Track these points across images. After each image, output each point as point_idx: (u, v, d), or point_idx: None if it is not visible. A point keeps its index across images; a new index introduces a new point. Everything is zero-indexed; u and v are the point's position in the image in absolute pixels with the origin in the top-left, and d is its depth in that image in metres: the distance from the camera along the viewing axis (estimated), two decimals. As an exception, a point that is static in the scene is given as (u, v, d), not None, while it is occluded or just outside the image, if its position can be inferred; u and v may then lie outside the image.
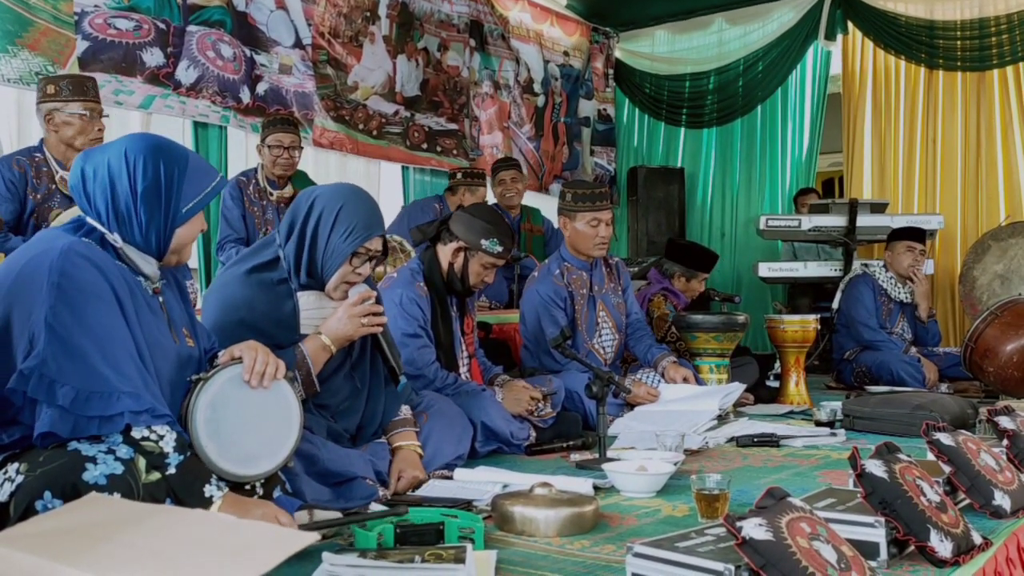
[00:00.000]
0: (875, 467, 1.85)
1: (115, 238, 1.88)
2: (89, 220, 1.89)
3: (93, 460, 1.65)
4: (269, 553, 1.13)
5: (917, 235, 5.29)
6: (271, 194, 4.51)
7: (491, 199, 5.63)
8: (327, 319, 2.44)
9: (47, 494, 1.60)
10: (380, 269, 4.06)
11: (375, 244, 2.47)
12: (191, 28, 4.73)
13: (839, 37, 7.16)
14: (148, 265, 1.93)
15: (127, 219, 1.88)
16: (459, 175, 5.48)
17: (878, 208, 6.35)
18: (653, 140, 8.15)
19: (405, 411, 2.74)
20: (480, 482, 2.54)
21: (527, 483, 2.26)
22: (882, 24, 6.93)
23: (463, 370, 3.37)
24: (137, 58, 4.47)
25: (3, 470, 1.68)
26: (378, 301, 2.50)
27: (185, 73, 4.68)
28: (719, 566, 1.47)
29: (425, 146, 6.26)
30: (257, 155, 4.58)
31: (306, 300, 2.47)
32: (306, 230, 2.43)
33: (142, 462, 1.72)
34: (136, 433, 1.72)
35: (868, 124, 7.15)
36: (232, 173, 4.82)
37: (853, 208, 6.04)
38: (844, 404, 3.73)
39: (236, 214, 4.41)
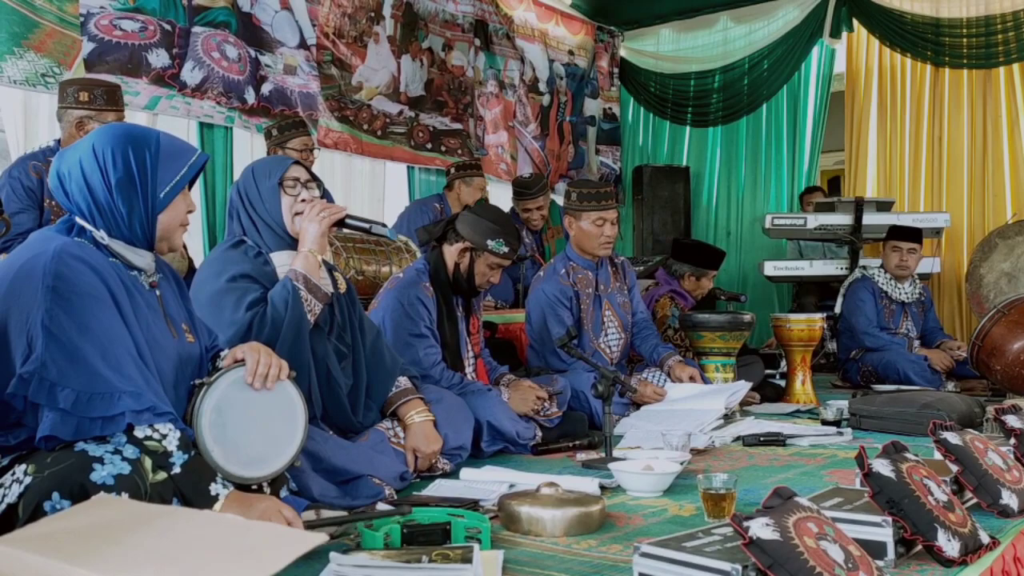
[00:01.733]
0: (882, 466, 1.85)
1: (101, 235, 1.88)
2: (77, 219, 1.89)
3: (100, 460, 1.65)
4: (278, 554, 1.14)
5: (904, 234, 5.26)
6: (278, 195, 4.51)
7: (496, 200, 5.62)
8: (300, 238, 2.52)
9: (55, 495, 1.61)
10: (386, 269, 4.07)
11: (296, 172, 2.58)
12: (196, 29, 4.74)
13: (844, 35, 7.14)
14: (140, 258, 1.93)
15: (109, 213, 1.87)
16: (452, 169, 5.47)
17: (884, 206, 6.34)
18: (658, 139, 8.15)
19: (404, 382, 2.77)
20: (486, 482, 2.55)
21: (533, 483, 2.26)
22: (888, 22, 6.91)
23: (469, 370, 3.37)
24: (143, 59, 4.48)
25: (11, 471, 1.68)
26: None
27: (190, 74, 4.69)
28: (726, 566, 1.47)
29: (430, 146, 6.26)
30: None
31: (279, 259, 2.55)
32: (243, 201, 2.57)
33: (148, 462, 1.72)
34: (139, 432, 1.72)
35: (874, 122, 7.14)
36: (238, 173, 4.80)
37: (859, 207, 6.04)
38: (851, 403, 3.73)
39: (242, 214, 4.41)
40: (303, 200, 2.54)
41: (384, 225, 2.65)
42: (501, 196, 6.68)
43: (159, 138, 1.94)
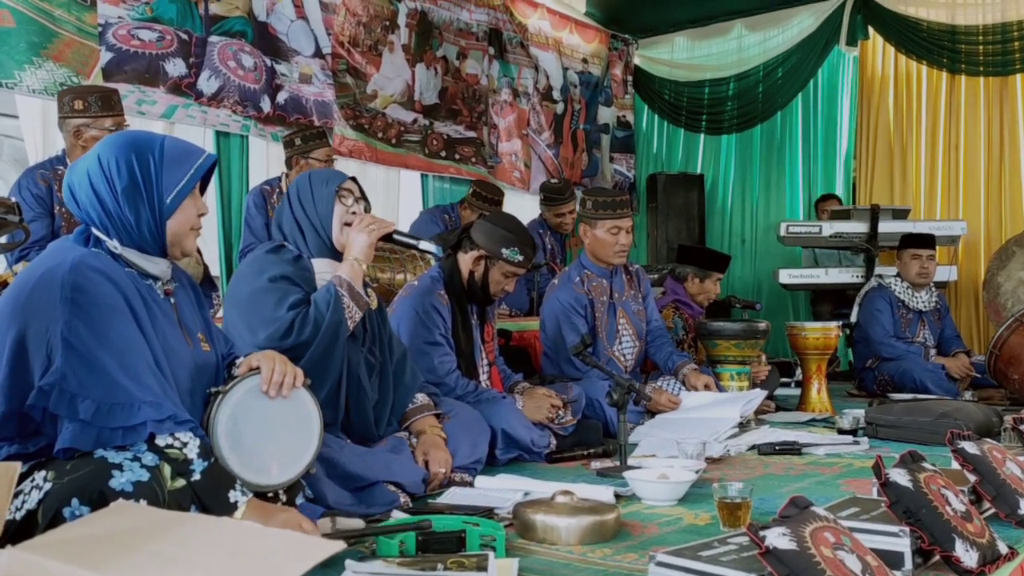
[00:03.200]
0: (899, 476, 1.84)
1: (114, 244, 1.88)
2: (93, 230, 1.90)
3: (119, 467, 1.66)
4: (295, 562, 1.14)
5: (921, 241, 5.22)
6: (294, 203, 4.53)
7: (510, 208, 5.62)
8: (347, 247, 2.57)
9: (75, 501, 1.62)
10: (401, 277, 4.09)
11: (352, 185, 2.66)
12: (213, 39, 4.78)
13: (859, 43, 7.13)
14: (154, 265, 1.94)
15: (119, 222, 1.88)
16: (472, 191, 5.47)
17: (900, 214, 6.31)
18: (672, 146, 8.14)
19: (421, 398, 2.79)
20: (501, 490, 2.55)
21: (548, 491, 2.27)
22: (903, 29, 6.89)
23: (483, 378, 3.37)
24: (160, 68, 4.51)
25: (30, 478, 1.69)
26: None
27: (207, 83, 4.73)
28: (742, 575, 1.47)
29: (444, 154, 6.28)
30: (285, 165, 4.59)
31: (320, 266, 2.60)
32: (294, 205, 2.62)
33: (167, 469, 1.73)
34: (160, 441, 1.73)
35: (889, 129, 7.12)
36: (254, 182, 4.86)
37: (875, 214, 6.01)
38: (867, 412, 3.71)
39: (259, 223, 4.44)
40: (354, 212, 2.60)
41: (431, 241, 2.70)
42: (515, 204, 6.69)
43: (163, 143, 1.93)
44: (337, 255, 2.60)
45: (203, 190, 2.04)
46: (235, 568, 1.16)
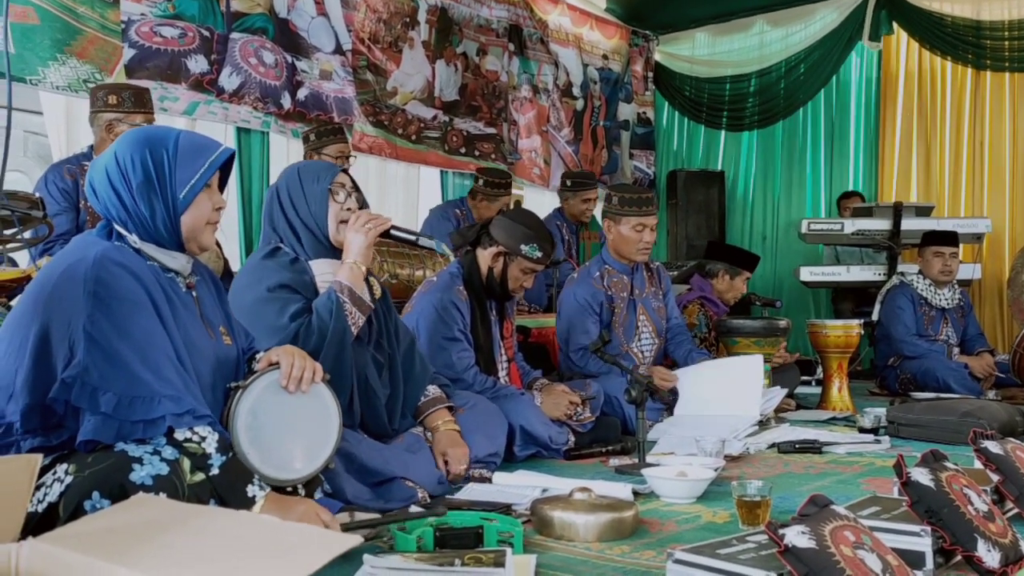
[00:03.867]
0: (921, 475, 1.83)
1: (134, 239, 1.90)
2: (114, 225, 1.92)
3: (140, 461, 1.68)
4: (313, 555, 1.15)
5: (944, 238, 5.17)
6: (313, 199, 4.55)
7: (530, 205, 5.62)
8: (345, 248, 2.51)
9: (95, 494, 1.63)
10: (420, 273, 4.09)
11: (344, 179, 2.58)
12: (234, 35, 4.80)
13: (882, 38, 7.07)
14: (173, 260, 1.94)
15: (136, 217, 1.89)
16: (481, 181, 5.32)
17: (924, 211, 6.25)
18: (693, 143, 8.11)
19: (433, 390, 2.78)
20: (519, 486, 2.55)
21: (566, 488, 2.26)
22: (928, 25, 6.82)
23: (502, 374, 3.38)
24: (182, 65, 4.54)
25: (52, 471, 1.71)
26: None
27: (228, 80, 4.75)
28: (761, 574, 1.46)
29: (463, 150, 6.28)
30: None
31: (318, 267, 2.54)
32: (284, 205, 2.55)
33: (187, 463, 1.74)
34: (179, 435, 1.75)
35: (913, 126, 7.05)
36: (274, 178, 4.86)
37: (898, 212, 5.96)
38: (889, 410, 3.68)
39: (278, 218, 4.45)
40: (349, 209, 2.54)
41: (430, 238, 2.64)
42: (534, 201, 6.69)
43: (178, 138, 1.93)
44: (336, 253, 2.54)
45: (224, 184, 2.04)
46: (253, 561, 1.17)
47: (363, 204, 2.64)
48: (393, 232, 2.57)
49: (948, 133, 6.91)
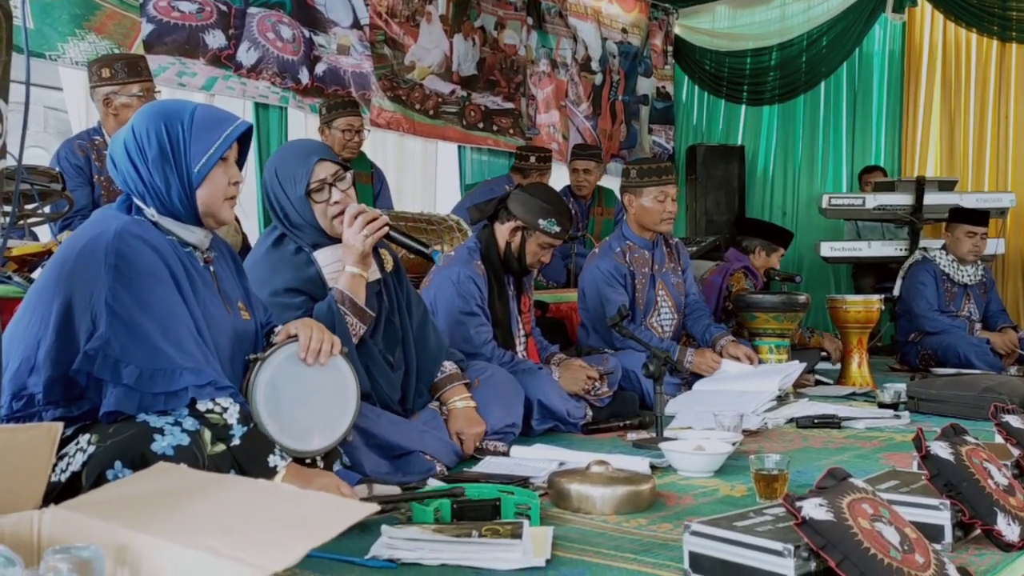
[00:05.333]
0: (940, 449, 1.82)
1: (151, 212, 1.90)
2: (133, 198, 1.93)
3: (161, 431, 1.70)
4: (330, 523, 1.16)
5: (977, 218, 5.10)
6: (331, 175, 4.55)
7: (550, 180, 5.60)
8: (344, 255, 2.46)
9: (117, 464, 1.66)
10: (439, 247, 4.09)
11: (322, 171, 2.45)
12: (252, 10, 4.80)
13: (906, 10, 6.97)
14: (191, 234, 1.95)
15: (152, 191, 1.89)
16: (532, 158, 5.41)
17: (947, 186, 6.18)
18: (713, 118, 8.04)
19: (449, 367, 2.77)
20: (537, 460, 2.56)
21: (584, 461, 2.27)
22: (953, -4, 6.72)
23: (520, 348, 3.38)
24: (200, 40, 4.54)
25: (75, 441, 1.73)
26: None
27: (246, 55, 4.75)
28: (778, 545, 1.46)
29: (481, 125, 6.26)
30: (319, 136, 4.62)
31: (324, 256, 2.51)
32: (274, 205, 2.52)
33: (207, 434, 1.77)
34: (201, 406, 1.77)
35: (937, 99, 6.96)
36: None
37: (920, 186, 5.89)
38: (909, 386, 3.66)
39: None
40: (336, 202, 2.46)
41: (426, 245, 2.55)
42: (555, 175, 6.66)
43: (195, 111, 1.92)
44: (338, 239, 2.47)
45: (243, 159, 2.04)
46: (272, 527, 1.18)
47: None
48: (392, 236, 2.49)
49: (972, 106, 6.82)
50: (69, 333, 1.77)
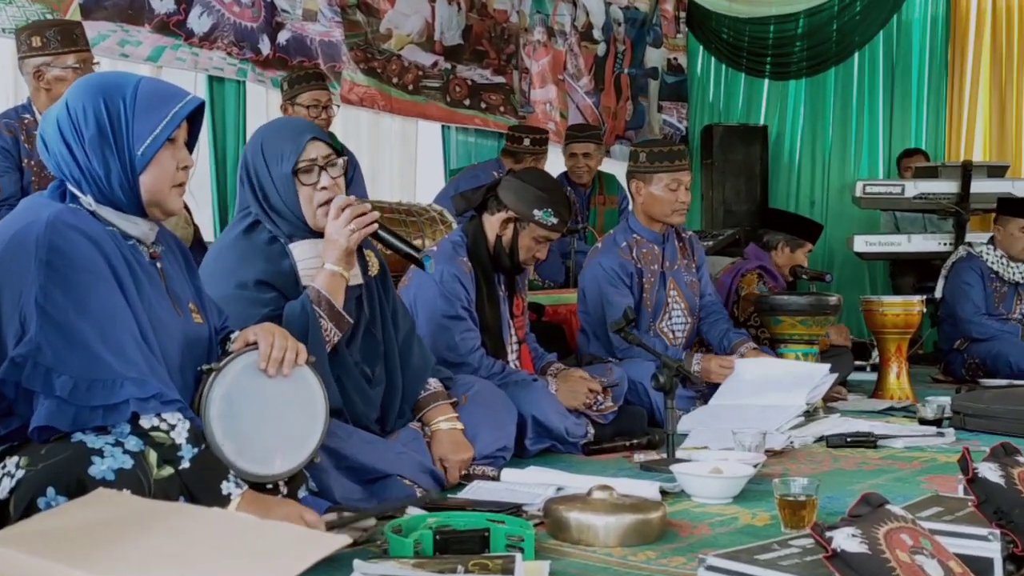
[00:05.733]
0: (989, 471, 1.83)
1: (88, 200, 1.89)
2: (67, 185, 1.91)
3: (100, 453, 1.69)
4: (294, 557, 1.16)
5: None
6: (295, 158, 4.55)
7: (546, 165, 5.61)
8: (324, 249, 2.45)
9: (50, 490, 1.64)
10: (418, 242, 4.10)
11: (313, 151, 2.47)
12: (205, -30, 4.80)
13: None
14: (133, 226, 1.94)
15: (89, 177, 1.88)
16: (526, 140, 5.39)
17: (996, 171, 6.22)
18: (731, 94, 8.07)
19: (434, 384, 2.78)
20: (531, 484, 2.55)
21: (584, 486, 2.27)
22: (1004, -46, 6.76)
23: (512, 357, 3.38)
24: (145, 4, 4.53)
25: (1, 464, 1.72)
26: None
27: (198, 21, 4.74)
28: (805, 582, 1.47)
29: (468, 102, 6.26)
30: (281, 114, 4.61)
31: (300, 250, 2.51)
32: (252, 183, 2.51)
33: (153, 456, 1.76)
34: (145, 422, 1.76)
35: (985, 73, 7.00)
36: (251, 134, 4.87)
37: (967, 172, 5.92)
38: (954, 400, 3.68)
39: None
40: (324, 188, 2.46)
41: (418, 250, 2.55)
42: (550, 159, 6.66)
43: (138, 85, 1.91)
44: (319, 233, 2.48)
45: (193, 140, 2.04)
46: (228, 564, 1.18)
47: (347, 167, 2.58)
48: (380, 234, 2.49)
49: (1026, 83, 6.86)
50: None
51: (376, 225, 2.46)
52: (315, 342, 2.35)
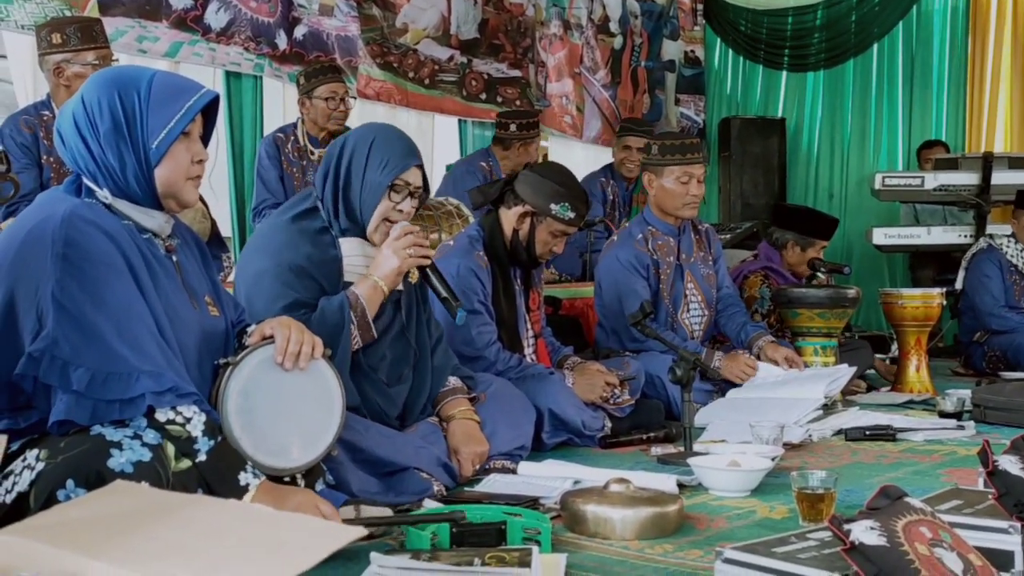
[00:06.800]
0: (1010, 464, 1.82)
1: (105, 194, 1.90)
2: (83, 179, 1.92)
3: (119, 446, 1.70)
4: (311, 549, 1.16)
5: None
6: (312, 152, 4.55)
7: (561, 158, 5.60)
8: (375, 260, 2.52)
9: (70, 483, 1.65)
10: (435, 236, 4.10)
11: (413, 176, 2.56)
12: (222, -35, 4.81)
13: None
14: (149, 219, 1.95)
15: (105, 170, 1.89)
16: (512, 126, 5.34)
17: (1018, 163, 6.16)
18: (749, 86, 8.04)
19: (453, 381, 2.79)
20: (548, 477, 2.56)
21: (601, 479, 2.27)
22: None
23: (528, 351, 3.38)
24: (162, 0, 4.55)
25: (22, 457, 1.74)
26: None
27: (215, 16, 4.76)
28: (824, 575, 1.46)
29: (484, 96, 6.26)
30: (299, 109, 4.62)
31: (348, 247, 2.56)
32: (340, 170, 2.55)
33: (171, 448, 1.77)
34: (161, 416, 1.77)
35: (1006, 64, 6.94)
36: (268, 128, 4.89)
37: (988, 163, 5.88)
38: (974, 392, 3.67)
39: (273, 175, 4.47)
40: (400, 210, 2.53)
41: (456, 298, 2.58)
42: (563, 154, 6.66)
43: (152, 79, 1.92)
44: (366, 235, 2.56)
45: (208, 133, 2.04)
46: (245, 554, 1.18)
47: (422, 202, 2.65)
48: (427, 270, 2.56)
49: (1049, 72, 6.80)
50: (12, 333, 1.77)
51: (430, 262, 2.55)
52: (344, 344, 2.41)
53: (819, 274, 4.57)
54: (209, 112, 2.01)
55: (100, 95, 1.89)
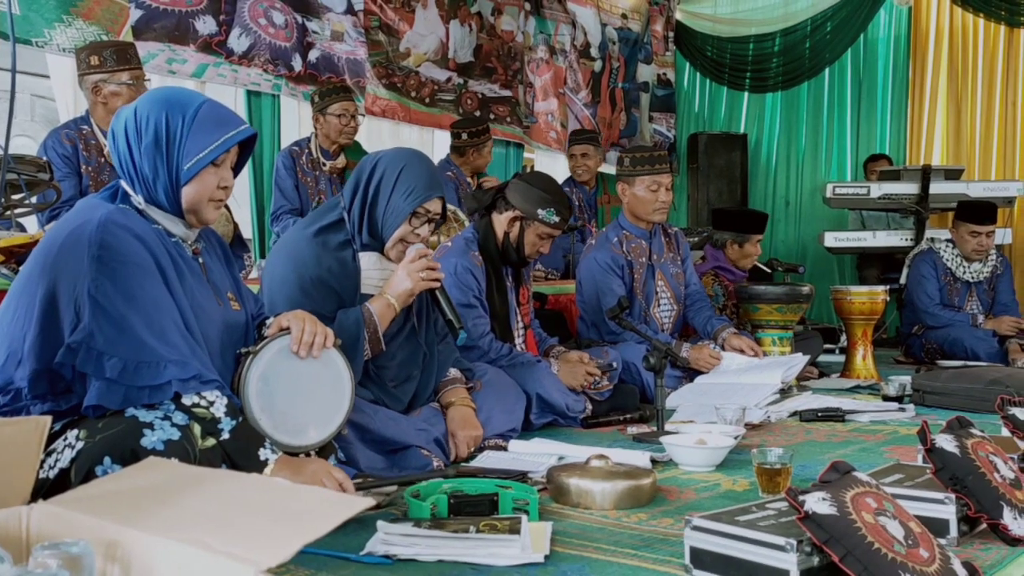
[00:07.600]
0: (946, 442, 1.82)
1: (138, 200, 1.90)
2: (122, 183, 1.92)
3: (151, 426, 1.70)
4: (325, 518, 1.16)
5: (981, 215, 4.97)
6: (324, 164, 4.56)
7: (545, 169, 5.60)
8: (389, 280, 2.52)
9: (107, 459, 1.66)
10: (434, 239, 4.09)
11: (434, 205, 2.56)
12: (243, -5, 4.78)
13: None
14: (175, 225, 1.95)
15: (139, 177, 1.89)
16: (464, 135, 5.22)
17: (953, 174, 6.18)
18: (715, 105, 8.04)
19: (453, 371, 2.79)
20: (535, 454, 2.56)
21: (583, 455, 2.27)
22: (961, -20, 6.72)
23: (518, 341, 3.38)
24: (190, 26, 4.53)
25: (63, 436, 1.73)
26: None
27: (237, 41, 4.74)
28: (781, 540, 1.47)
29: (478, 113, 6.24)
30: (312, 124, 4.61)
31: (367, 260, 2.56)
32: (369, 188, 2.54)
33: (198, 428, 1.77)
34: (187, 400, 1.77)
35: (942, 86, 6.96)
36: (285, 142, 4.88)
37: (926, 175, 5.89)
38: (914, 378, 3.67)
39: (289, 184, 4.47)
40: (416, 233, 2.53)
41: (460, 324, 2.58)
42: (550, 165, 6.66)
43: (201, 107, 1.91)
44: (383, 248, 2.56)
45: (242, 164, 2.03)
46: (266, 523, 1.18)
47: (437, 227, 2.64)
48: (436, 293, 2.56)
49: (980, 93, 6.82)
50: (53, 325, 1.77)
51: (439, 284, 2.55)
52: (358, 356, 2.41)
53: (777, 272, 4.60)
54: (245, 144, 2.00)
55: (151, 110, 1.89)
